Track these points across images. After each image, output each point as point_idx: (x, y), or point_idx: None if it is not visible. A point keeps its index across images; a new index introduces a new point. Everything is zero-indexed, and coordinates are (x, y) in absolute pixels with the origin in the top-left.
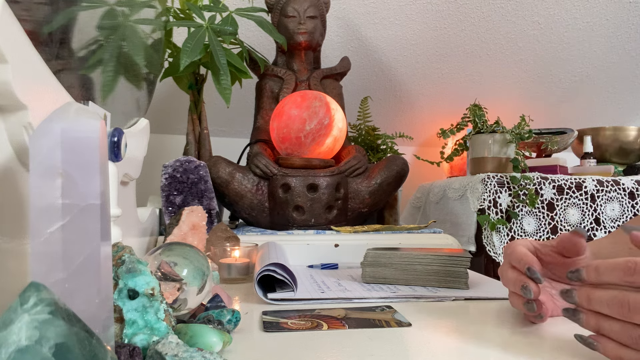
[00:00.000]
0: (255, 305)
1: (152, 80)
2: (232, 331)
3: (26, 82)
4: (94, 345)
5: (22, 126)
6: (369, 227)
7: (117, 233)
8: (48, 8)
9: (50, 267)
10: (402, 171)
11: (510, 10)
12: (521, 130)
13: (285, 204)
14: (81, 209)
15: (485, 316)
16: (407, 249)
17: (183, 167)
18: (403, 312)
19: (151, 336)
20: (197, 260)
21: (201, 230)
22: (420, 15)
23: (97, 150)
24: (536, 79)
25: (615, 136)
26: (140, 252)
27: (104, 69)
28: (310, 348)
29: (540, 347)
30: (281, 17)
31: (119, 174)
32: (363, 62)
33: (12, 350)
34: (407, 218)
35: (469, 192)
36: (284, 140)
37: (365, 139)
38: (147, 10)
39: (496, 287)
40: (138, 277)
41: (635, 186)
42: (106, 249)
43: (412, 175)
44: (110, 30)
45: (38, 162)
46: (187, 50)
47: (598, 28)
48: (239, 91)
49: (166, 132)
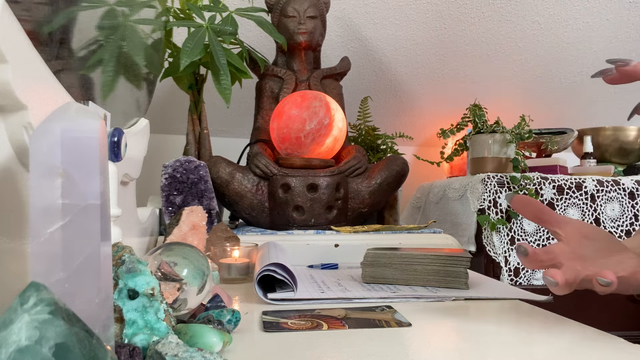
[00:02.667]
0: (255, 305)
1: (152, 80)
2: (232, 331)
3: (26, 82)
4: (94, 345)
5: (22, 126)
6: (369, 227)
7: (117, 233)
8: (48, 8)
9: (50, 267)
10: (402, 171)
11: (510, 10)
12: (521, 130)
13: (285, 204)
14: (81, 209)
15: (485, 316)
16: (407, 249)
17: (183, 167)
18: (403, 312)
19: (151, 336)
20: (197, 260)
21: (201, 230)
22: (420, 15)
23: (97, 150)
24: (536, 79)
25: (615, 136)
26: (140, 252)
27: (104, 69)
28: (310, 348)
29: (540, 347)
30: (281, 17)
31: (119, 174)
32: (363, 62)
33: (12, 350)
34: (407, 218)
35: (469, 192)
36: (284, 140)
37: (365, 139)
38: (147, 10)
39: (496, 287)
40: (138, 277)
41: (635, 186)
42: (106, 249)
43: (412, 175)
44: (110, 30)
45: (38, 162)
46: (187, 50)
47: (598, 28)
48: (239, 91)
49: (166, 132)
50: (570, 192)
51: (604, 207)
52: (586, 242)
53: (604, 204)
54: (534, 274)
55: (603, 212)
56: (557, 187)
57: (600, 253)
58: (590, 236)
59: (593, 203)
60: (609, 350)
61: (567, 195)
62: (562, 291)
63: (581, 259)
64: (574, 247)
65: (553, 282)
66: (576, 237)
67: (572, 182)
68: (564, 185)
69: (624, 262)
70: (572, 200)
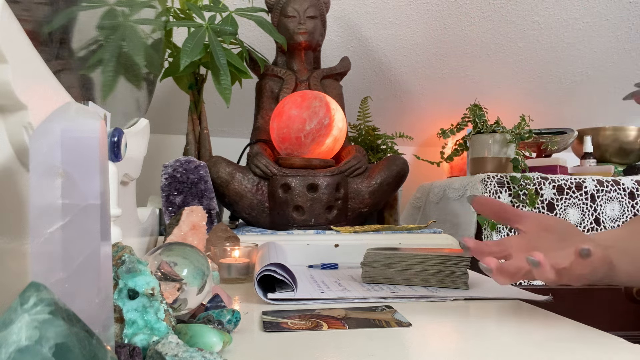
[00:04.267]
0: (255, 305)
1: (152, 80)
2: (232, 331)
3: (26, 82)
4: (94, 345)
5: (22, 126)
6: (369, 227)
7: (117, 233)
8: (48, 8)
9: (50, 267)
10: (402, 171)
11: (510, 10)
12: (521, 130)
13: (285, 204)
14: (81, 209)
15: (485, 316)
16: (407, 249)
17: (183, 167)
18: (403, 312)
19: (151, 336)
20: (197, 260)
21: (201, 230)
22: (420, 15)
23: (97, 150)
24: (536, 79)
25: (615, 136)
26: (140, 252)
27: (104, 69)
28: (310, 348)
29: (540, 347)
30: (281, 17)
31: (119, 174)
32: (363, 62)
33: (12, 350)
34: (407, 218)
35: (469, 192)
36: (284, 140)
37: (365, 139)
38: (147, 10)
39: (496, 287)
40: (138, 277)
41: (635, 186)
42: (106, 249)
43: (412, 175)
44: (110, 30)
45: (38, 162)
46: (187, 50)
47: (598, 28)
48: (239, 91)
49: (166, 132)
50: (570, 192)
51: (604, 207)
52: (545, 234)
53: (604, 204)
54: None
55: (603, 212)
56: (557, 187)
57: (558, 244)
58: (550, 228)
59: (593, 203)
60: (609, 350)
61: (567, 195)
62: (501, 280)
63: (535, 250)
64: (531, 240)
65: (487, 268)
66: (535, 230)
67: (572, 182)
68: (564, 185)
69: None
70: (572, 201)
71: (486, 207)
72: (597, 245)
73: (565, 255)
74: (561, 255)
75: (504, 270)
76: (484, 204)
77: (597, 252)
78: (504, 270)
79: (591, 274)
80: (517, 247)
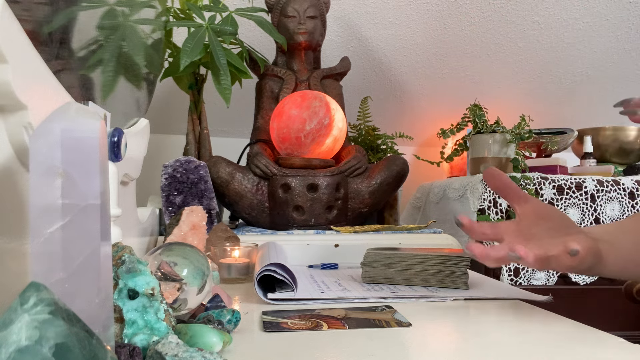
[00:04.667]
0: (255, 305)
1: (152, 80)
2: (232, 331)
3: (26, 82)
4: (94, 345)
5: (22, 126)
6: (369, 227)
7: (117, 233)
8: (48, 8)
9: (50, 267)
10: (402, 171)
11: (510, 10)
12: (521, 130)
13: (285, 204)
14: (81, 209)
15: (485, 316)
16: (407, 249)
17: (183, 167)
18: (403, 312)
19: (151, 336)
20: (197, 260)
21: (201, 230)
22: (420, 15)
23: (97, 150)
24: (536, 79)
25: (615, 136)
26: (140, 252)
27: (104, 69)
28: (310, 348)
29: (540, 347)
30: (281, 17)
31: (119, 174)
32: (363, 62)
33: (12, 350)
34: (407, 218)
35: (469, 192)
36: (284, 140)
37: (365, 139)
38: (147, 10)
39: (496, 287)
40: (138, 277)
41: (635, 186)
42: (106, 249)
43: (412, 175)
44: (110, 30)
45: (38, 162)
46: (187, 50)
47: (598, 28)
48: (239, 91)
49: (166, 132)
50: (570, 192)
51: (604, 207)
52: (540, 222)
53: (604, 204)
54: (534, 274)
55: (603, 212)
56: (557, 187)
57: (550, 233)
58: (546, 217)
59: (593, 203)
60: (609, 350)
61: (567, 195)
62: (488, 263)
63: (527, 238)
64: (524, 226)
65: (470, 253)
66: (530, 217)
67: (572, 182)
68: (564, 185)
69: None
70: (572, 200)
71: (495, 179)
72: (587, 237)
73: (555, 243)
74: (551, 243)
75: (490, 256)
76: (494, 176)
77: (586, 243)
78: (490, 256)
79: (579, 264)
80: (510, 232)
